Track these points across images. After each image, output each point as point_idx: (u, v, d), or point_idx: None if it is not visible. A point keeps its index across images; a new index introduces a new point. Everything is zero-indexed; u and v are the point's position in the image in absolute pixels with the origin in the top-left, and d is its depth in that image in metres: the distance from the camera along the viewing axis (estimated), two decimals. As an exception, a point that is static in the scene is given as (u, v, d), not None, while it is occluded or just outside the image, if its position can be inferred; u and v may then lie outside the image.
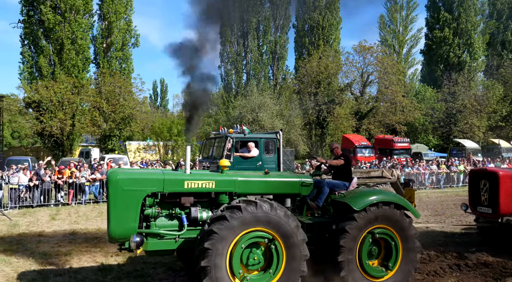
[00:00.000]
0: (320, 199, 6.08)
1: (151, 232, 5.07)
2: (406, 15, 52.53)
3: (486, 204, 7.60)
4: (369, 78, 39.72)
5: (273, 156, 11.23)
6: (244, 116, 30.88)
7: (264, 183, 5.73)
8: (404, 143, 32.93)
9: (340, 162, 6.49)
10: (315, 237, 5.56)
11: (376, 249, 5.58)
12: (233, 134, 11.07)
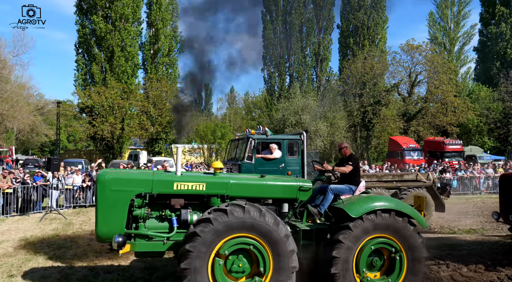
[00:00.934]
0: (323, 205, 5.77)
1: (139, 233, 5.02)
2: (458, 11, 49.88)
3: None
4: (418, 78, 38.07)
5: (297, 158, 10.87)
6: (287, 118, 30.69)
7: (258, 187, 5.51)
8: (456, 146, 31.21)
9: (348, 168, 6.09)
10: (312, 245, 5.29)
11: (378, 260, 5.18)
12: (255, 135, 10.77)
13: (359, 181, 6.12)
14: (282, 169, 10.51)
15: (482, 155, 33.47)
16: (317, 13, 40.86)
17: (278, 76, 40.54)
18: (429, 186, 12.15)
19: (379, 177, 12.75)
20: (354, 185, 6.05)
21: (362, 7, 40.19)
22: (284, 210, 5.60)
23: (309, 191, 5.66)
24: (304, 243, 5.26)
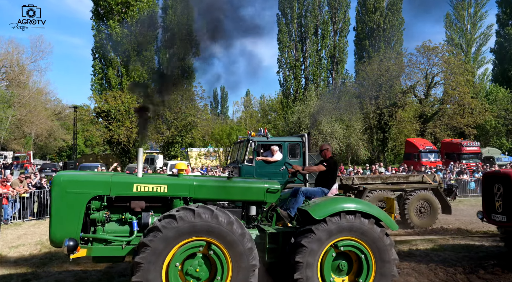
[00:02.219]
0: (293, 208, 5.63)
1: (96, 237, 4.80)
2: (475, 12, 49.31)
3: (501, 211, 6.59)
4: (434, 80, 37.72)
5: (299, 160, 10.69)
6: (303, 121, 30.62)
7: (223, 189, 5.34)
8: (473, 147, 30.81)
9: (320, 168, 6.00)
10: (278, 249, 5.09)
11: (345, 264, 4.99)
12: (255, 138, 10.71)
13: (332, 185, 5.99)
14: (283, 172, 10.13)
15: (500, 157, 32.93)
16: (332, 16, 40.75)
17: (294, 79, 40.47)
18: (435, 188, 11.97)
19: (384, 179, 12.58)
20: (326, 188, 5.93)
21: (378, 9, 40.01)
22: (252, 213, 5.43)
23: (277, 193, 5.49)
24: (271, 247, 5.08)
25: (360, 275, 4.97)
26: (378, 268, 4.94)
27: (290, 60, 40.15)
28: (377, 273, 4.94)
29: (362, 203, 5.16)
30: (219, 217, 4.55)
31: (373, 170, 20.23)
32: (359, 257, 4.98)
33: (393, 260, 4.98)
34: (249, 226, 5.44)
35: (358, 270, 5.02)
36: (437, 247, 8.77)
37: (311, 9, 39.95)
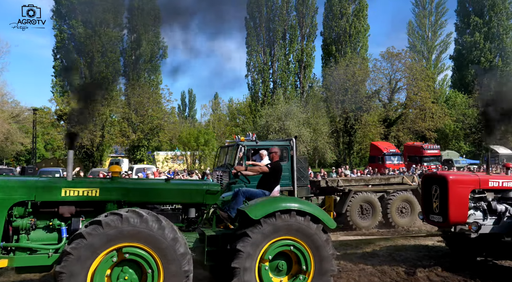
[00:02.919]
0: (233, 209, 5.60)
1: (19, 246, 4.46)
2: (435, 20, 51.54)
3: (437, 211, 6.77)
4: (398, 85, 39.03)
5: (287, 163, 10.87)
6: (271, 124, 30.75)
7: (159, 192, 5.23)
8: (434, 150, 32.16)
9: (263, 169, 6.06)
10: (218, 252, 5.01)
11: (284, 264, 4.96)
12: (245, 142, 10.83)
13: (274, 187, 6.05)
14: None
15: (459, 159, 34.42)
16: (300, 21, 41.27)
17: (262, 83, 40.63)
18: (415, 188, 12.48)
19: (367, 180, 13.26)
20: (268, 191, 5.98)
21: (344, 15, 40.91)
22: (191, 216, 5.33)
23: (217, 195, 5.43)
24: (210, 250, 4.99)
25: (299, 273, 4.96)
26: (317, 265, 4.94)
27: (259, 63, 40.32)
28: (316, 270, 4.94)
29: (298, 202, 5.15)
30: (149, 222, 4.34)
31: (339, 173, 20.51)
32: (297, 256, 4.94)
33: (331, 255, 5.00)
34: (189, 229, 5.33)
35: (297, 268, 4.99)
36: (400, 247, 9.01)
37: (279, 14, 40.30)
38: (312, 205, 5.27)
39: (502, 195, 6.86)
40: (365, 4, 41.20)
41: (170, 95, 36.55)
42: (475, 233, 6.33)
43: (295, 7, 41.34)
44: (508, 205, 6.73)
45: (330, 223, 5.16)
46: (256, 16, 40.19)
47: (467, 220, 6.45)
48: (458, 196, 6.47)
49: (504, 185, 6.75)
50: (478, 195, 6.70)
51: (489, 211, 6.67)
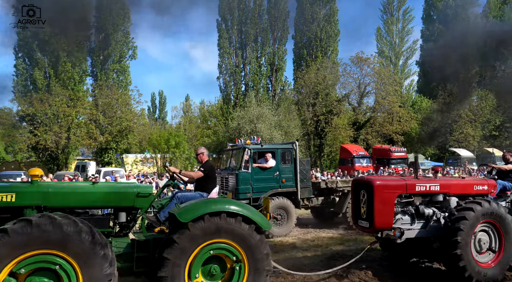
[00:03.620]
0: (163, 212, 5.47)
1: None
2: (402, 27, 53.19)
3: (365, 217, 6.59)
4: (367, 89, 40.02)
5: (290, 166, 11.51)
6: (243, 127, 30.67)
7: (84, 195, 4.94)
8: (401, 153, 33.09)
9: (197, 174, 6.02)
10: (149, 257, 4.82)
11: (217, 268, 4.78)
12: (250, 145, 11.30)
13: (212, 188, 6.04)
14: (277, 177, 11.23)
15: (424, 162, 35.57)
16: (272, 24, 41.49)
17: (234, 85, 40.52)
18: None
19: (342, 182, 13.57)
20: (205, 192, 5.95)
21: (315, 19, 41.47)
22: (121, 220, 5.13)
23: (149, 198, 5.19)
24: (140, 256, 4.81)
25: (233, 276, 4.81)
26: (251, 266, 4.80)
27: (231, 66, 40.20)
28: (251, 271, 4.80)
29: (230, 203, 4.96)
30: (64, 227, 4.04)
31: (310, 175, 20.78)
32: (230, 258, 4.80)
33: (265, 255, 4.87)
34: (119, 235, 5.13)
35: (231, 271, 4.83)
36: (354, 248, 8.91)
37: (251, 17, 40.36)
38: (246, 206, 5.13)
39: (431, 198, 6.85)
40: (335, 10, 41.96)
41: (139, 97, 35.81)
42: (399, 239, 6.28)
43: (267, 11, 41.53)
44: (435, 209, 6.76)
45: (265, 224, 5.00)
46: (228, 18, 40.07)
47: (392, 225, 6.38)
48: (384, 201, 6.35)
49: (432, 189, 6.71)
50: (406, 199, 6.65)
51: (417, 215, 6.66)
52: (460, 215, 6.21)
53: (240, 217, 4.81)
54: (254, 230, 4.85)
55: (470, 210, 6.23)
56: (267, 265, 4.88)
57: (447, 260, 6.27)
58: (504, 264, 6.41)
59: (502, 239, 6.46)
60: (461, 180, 7.32)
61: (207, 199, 5.54)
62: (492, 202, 6.55)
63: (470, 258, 6.10)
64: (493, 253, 6.47)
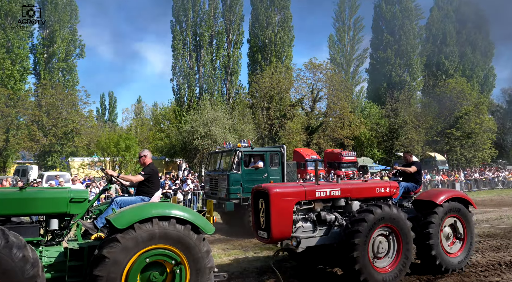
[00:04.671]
0: (100, 218, 5.31)
1: None
2: (353, 35, 55.28)
3: (263, 227, 6.20)
4: (319, 94, 40.97)
5: (278, 168, 12.15)
6: (196, 130, 30.23)
7: (9, 202, 4.61)
8: (351, 157, 34.13)
9: (138, 178, 5.85)
10: (83, 266, 4.58)
11: (157, 275, 4.55)
12: (241, 148, 11.81)
13: (154, 192, 5.95)
14: (265, 179, 11.74)
15: (372, 165, 37.03)
16: (227, 27, 41.40)
17: (188, 87, 39.89)
18: None
19: None
20: (147, 196, 5.86)
21: (270, 24, 41.97)
22: (53, 227, 4.85)
23: (85, 203, 4.94)
24: (73, 265, 4.58)
25: (174, 279, 4.60)
26: (192, 266, 4.63)
27: (185, 68, 39.56)
28: (193, 271, 4.64)
29: (176, 208, 4.75)
30: None
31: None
32: (170, 262, 4.61)
33: (209, 268, 4.72)
34: (52, 243, 4.84)
35: (172, 275, 4.63)
36: None
37: (206, 19, 40.02)
38: (191, 211, 4.95)
39: (333, 204, 6.67)
40: (290, 16, 42.71)
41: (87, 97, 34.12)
42: (296, 248, 6.04)
43: (222, 14, 41.40)
44: (338, 214, 6.59)
45: (208, 228, 4.84)
46: (182, 20, 39.44)
47: (292, 234, 6.10)
48: (281, 210, 6.01)
49: (333, 194, 6.51)
50: (306, 206, 6.39)
51: (318, 222, 6.41)
52: (360, 217, 6.10)
53: (190, 225, 4.64)
54: (191, 230, 4.66)
55: (370, 212, 6.13)
56: (208, 262, 4.72)
57: (344, 263, 6.09)
58: (401, 269, 6.33)
59: (400, 244, 6.40)
60: (363, 184, 7.21)
61: (148, 203, 5.28)
62: (392, 206, 6.47)
63: (367, 262, 5.97)
64: (391, 257, 6.39)
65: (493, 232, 11.26)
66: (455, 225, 7.45)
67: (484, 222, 13.13)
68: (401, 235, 6.41)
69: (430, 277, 6.92)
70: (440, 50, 56.47)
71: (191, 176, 22.10)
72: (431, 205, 7.17)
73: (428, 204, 7.22)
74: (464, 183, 27.41)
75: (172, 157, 34.86)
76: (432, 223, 6.95)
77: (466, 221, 7.47)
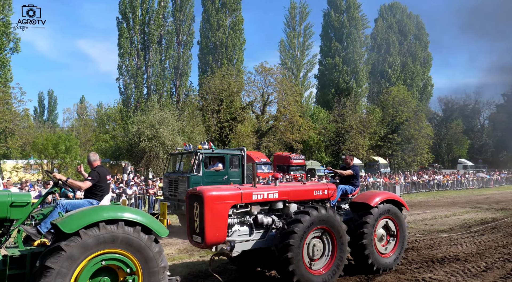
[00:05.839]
0: (44, 223, 5.09)
1: None
2: (303, 41, 56.62)
3: (198, 231, 5.98)
4: (269, 98, 41.38)
5: (238, 170, 12.23)
6: (143, 132, 29.21)
7: None
8: (300, 160, 34.76)
9: (86, 184, 5.72)
10: (25, 274, 4.38)
11: (108, 280, 4.40)
12: (202, 150, 11.78)
13: (102, 196, 5.85)
14: (225, 180, 11.77)
15: (320, 168, 38.01)
16: (177, 27, 40.61)
17: (135, 88, 38.54)
18: None
19: None
20: (96, 200, 5.75)
21: (221, 27, 41.81)
22: None
23: (27, 207, 4.67)
24: (14, 273, 4.34)
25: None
26: (146, 279, 4.50)
27: (132, 67, 38.20)
28: None
29: (127, 211, 4.58)
30: None
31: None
32: (123, 270, 4.45)
33: (162, 268, 4.61)
34: None
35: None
36: None
37: (155, 18, 39.00)
38: (143, 213, 4.78)
39: (270, 206, 6.59)
40: (241, 19, 42.85)
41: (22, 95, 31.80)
42: (231, 253, 5.92)
43: (172, 13, 40.57)
44: (275, 217, 6.51)
45: (162, 231, 4.73)
46: (129, 17, 38.12)
47: (227, 238, 5.98)
48: (216, 214, 5.85)
49: (270, 197, 6.43)
50: (242, 209, 6.25)
51: (255, 225, 6.32)
52: (296, 218, 6.07)
53: (139, 227, 4.50)
54: (153, 241, 4.57)
55: (306, 214, 6.13)
56: (161, 262, 4.59)
57: (278, 264, 6.01)
58: (335, 271, 6.35)
59: (335, 246, 6.45)
60: (301, 186, 7.14)
61: (97, 206, 5.08)
62: (328, 208, 6.50)
63: (301, 263, 5.94)
64: (325, 261, 6.42)
65: (428, 231, 11.86)
66: (388, 226, 7.68)
67: (419, 222, 13.81)
68: (335, 237, 6.48)
69: (370, 276, 7.09)
70: (384, 59, 59.60)
71: (137, 179, 21.29)
72: (366, 207, 7.36)
73: (364, 206, 7.40)
74: (403, 185, 28.86)
75: (117, 160, 33.41)
76: (367, 223, 7.13)
77: (399, 222, 7.74)
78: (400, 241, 7.71)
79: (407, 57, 61.57)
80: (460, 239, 10.38)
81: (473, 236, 10.90)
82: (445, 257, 8.43)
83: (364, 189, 23.99)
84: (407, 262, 8.03)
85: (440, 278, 6.88)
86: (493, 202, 21.01)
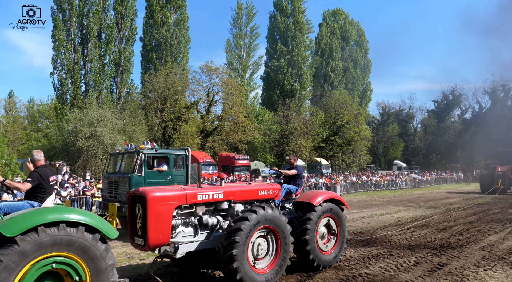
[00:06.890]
0: None
1: None
2: (250, 42, 56.95)
3: (140, 234, 5.82)
4: (215, 98, 41.11)
5: (182, 170, 11.98)
6: (80, 130, 27.59)
7: None
8: (244, 160, 35.01)
9: (26, 186, 5.47)
10: None
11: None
12: (145, 150, 11.46)
13: (44, 197, 5.66)
14: (169, 181, 11.45)
15: (264, 169, 38.46)
16: (118, 21, 38.84)
17: (72, 83, 36.23)
18: None
19: None
20: (37, 201, 5.53)
21: (166, 23, 40.74)
22: None
23: None
24: None
25: None
26: (94, 278, 4.42)
27: (68, 62, 35.90)
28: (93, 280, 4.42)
29: (70, 212, 4.42)
30: None
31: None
32: (69, 273, 4.30)
33: (110, 266, 4.55)
34: None
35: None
36: None
37: (95, 10, 36.99)
38: (89, 214, 4.64)
39: (216, 207, 6.59)
40: (186, 16, 42.08)
41: None
42: (175, 254, 5.83)
43: (113, 7, 38.79)
44: (220, 217, 6.53)
45: (111, 232, 4.63)
46: (65, 8, 35.80)
47: (171, 240, 5.88)
48: (159, 215, 5.69)
49: (215, 197, 6.42)
50: (187, 210, 6.20)
51: (200, 226, 6.29)
52: (243, 216, 6.11)
53: (82, 227, 4.38)
54: (99, 240, 4.49)
55: (253, 212, 6.17)
56: (109, 260, 4.54)
57: (223, 261, 5.98)
58: (278, 270, 6.45)
59: (279, 245, 6.54)
60: (246, 186, 7.18)
61: (40, 208, 4.88)
62: (274, 208, 6.60)
63: (245, 261, 5.96)
64: (269, 260, 6.49)
65: (365, 229, 12.38)
66: (330, 224, 7.92)
67: (358, 221, 14.42)
68: (280, 237, 6.55)
69: (310, 273, 7.25)
70: (327, 63, 61.83)
71: (73, 180, 20.03)
72: (309, 206, 7.53)
73: (307, 205, 7.58)
74: (343, 185, 30.05)
75: (51, 160, 31.21)
76: (310, 219, 7.31)
77: (340, 220, 8.01)
78: (340, 240, 7.96)
79: (349, 62, 64.42)
80: (394, 236, 10.95)
81: (405, 233, 11.57)
82: (380, 253, 8.86)
83: (306, 189, 24.62)
84: (345, 259, 8.32)
85: (375, 273, 7.19)
86: (423, 201, 22.58)
